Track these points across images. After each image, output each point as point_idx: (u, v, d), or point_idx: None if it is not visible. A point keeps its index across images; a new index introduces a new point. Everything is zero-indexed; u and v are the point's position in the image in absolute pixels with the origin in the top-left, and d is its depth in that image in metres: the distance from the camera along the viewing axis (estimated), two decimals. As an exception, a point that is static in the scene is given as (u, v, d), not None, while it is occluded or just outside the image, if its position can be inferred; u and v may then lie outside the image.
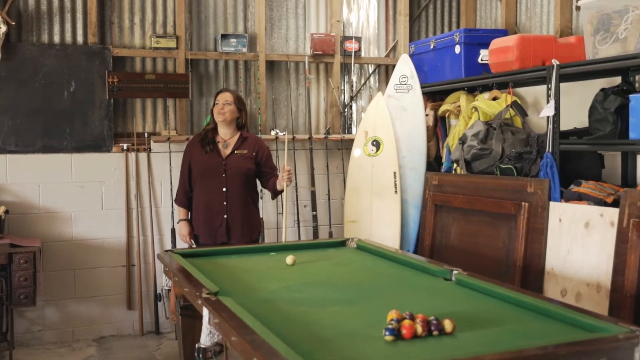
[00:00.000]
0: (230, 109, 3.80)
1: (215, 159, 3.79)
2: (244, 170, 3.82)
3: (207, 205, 3.79)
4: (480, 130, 4.22)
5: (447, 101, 4.86)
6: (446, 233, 4.31)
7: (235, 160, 3.81)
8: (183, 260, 3.02)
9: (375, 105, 4.73)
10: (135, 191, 4.50)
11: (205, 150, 3.79)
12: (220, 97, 3.84)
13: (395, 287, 2.67)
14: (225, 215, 3.78)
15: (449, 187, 4.32)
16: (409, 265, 3.00)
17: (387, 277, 2.84)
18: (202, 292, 2.38)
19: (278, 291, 2.57)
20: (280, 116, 5.08)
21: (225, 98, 3.82)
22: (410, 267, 2.97)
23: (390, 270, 2.96)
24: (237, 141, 3.86)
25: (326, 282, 2.72)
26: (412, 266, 2.97)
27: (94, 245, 4.43)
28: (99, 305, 4.47)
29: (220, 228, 3.78)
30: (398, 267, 3.00)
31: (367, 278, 2.82)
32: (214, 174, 3.77)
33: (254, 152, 3.87)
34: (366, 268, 3.03)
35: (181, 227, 3.89)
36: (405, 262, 3.04)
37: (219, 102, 3.82)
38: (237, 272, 2.93)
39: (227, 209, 3.77)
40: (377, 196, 4.64)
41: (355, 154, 4.70)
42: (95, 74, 4.39)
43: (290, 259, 3.06)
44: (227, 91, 3.89)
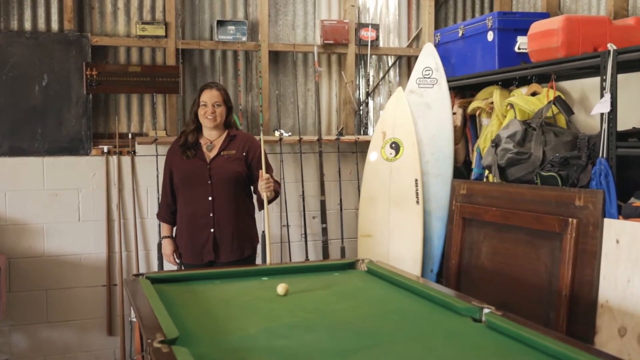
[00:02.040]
0: (220, 111, 3.38)
1: (197, 163, 3.35)
2: (232, 174, 3.35)
3: (191, 218, 3.35)
4: (517, 130, 3.71)
5: (477, 97, 4.38)
6: (476, 251, 3.81)
7: (222, 163, 3.36)
8: (150, 289, 2.56)
9: (395, 102, 4.31)
10: (117, 200, 4.06)
11: (187, 156, 3.35)
12: (207, 97, 3.37)
13: (407, 330, 2.18)
14: (212, 229, 3.33)
15: (479, 198, 3.82)
16: (428, 299, 2.51)
17: (398, 314, 2.34)
18: (155, 338, 1.89)
19: (256, 336, 2.08)
20: (285, 115, 4.59)
21: (214, 99, 3.37)
22: (429, 301, 2.47)
23: (404, 305, 2.47)
24: (224, 141, 3.42)
25: (320, 323, 2.23)
26: (432, 300, 2.48)
27: (69, 262, 4.05)
28: (75, 331, 4.08)
29: (206, 244, 3.34)
30: (414, 301, 2.52)
31: (373, 317, 2.33)
32: (198, 181, 3.32)
33: (244, 151, 3.41)
34: (374, 301, 2.53)
35: (164, 245, 3.49)
36: (423, 295, 2.54)
37: (207, 103, 3.36)
38: (213, 305, 2.48)
39: (214, 222, 3.32)
40: (396, 207, 4.20)
41: (372, 158, 4.28)
42: (72, 66, 4.01)
43: (282, 289, 2.59)
44: (215, 88, 3.40)
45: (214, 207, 3.31)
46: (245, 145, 3.41)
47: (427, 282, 2.71)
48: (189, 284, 2.81)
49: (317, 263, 3.27)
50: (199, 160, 3.35)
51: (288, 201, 4.37)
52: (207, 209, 3.31)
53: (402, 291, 2.65)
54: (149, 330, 2.02)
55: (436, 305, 2.42)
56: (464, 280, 3.90)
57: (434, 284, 2.68)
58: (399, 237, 4.22)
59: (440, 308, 2.39)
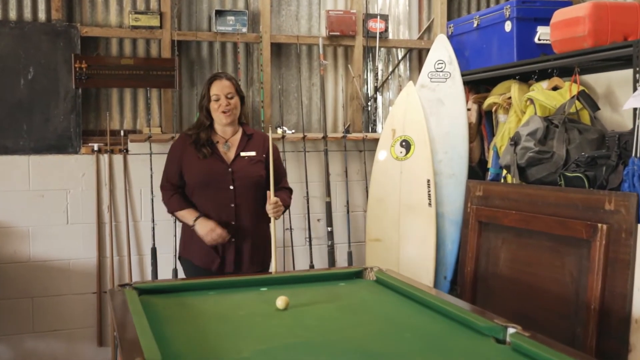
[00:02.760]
0: (235, 102, 3.06)
1: (217, 165, 3.02)
2: (256, 178, 3.05)
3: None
4: (537, 127, 3.47)
5: (493, 92, 4.16)
6: (494, 258, 3.57)
7: (244, 166, 3.04)
8: (136, 303, 2.32)
9: (406, 98, 4.10)
10: (108, 202, 3.83)
11: (203, 154, 3.01)
12: (219, 89, 3.03)
13: (422, 352, 1.94)
14: (233, 239, 3.03)
15: (497, 200, 3.58)
16: (444, 314, 2.25)
17: (412, 333, 2.10)
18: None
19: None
20: (289, 111, 4.36)
21: (225, 89, 3.03)
22: (446, 317, 2.23)
23: (417, 322, 2.23)
24: (241, 140, 3.11)
25: (323, 344, 1.99)
26: (449, 316, 2.23)
27: (57, 268, 3.83)
28: (63, 342, 3.86)
29: (226, 255, 3.04)
30: (429, 317, 2.27)
31: (383, 336, 2.09)
32: (219, 185, 3.00)
33: (264, 153, 3.10)
34: (384, 317, 2.29)
35: (205, 225, 2.97)
36: (439, 310, 2.29)
37: (219, 95, 3.02)
38: (205, 321, 2.24)
39: (235, 231, 3.02)
40: (407, 209, 3.99)
41: (381, 157, 4.05)
42: (60, 58, 3.79)
43: (282, 302, 2.36)
44: (225, 78, 3.07)
45: (237, 214, 3.01)
46: (265, 147, 3.09)
47: (443, 295, 2.46)
48: (180, 296, 2.58)
49: (322, 272, 3.02)
50: (217, 161, 3.03)
51: (292, 203, 4.11)
52: (229, 217, 3.00)
53: (416, 305, 2.41)
54: (127, 353, 1.78)
55: (454, 322, 2.18)
56: (480, 289, 3.65)
57: (451, 298, 2.42)
58: (410, 242, 3.98)
59: (459, 326, 2.14)
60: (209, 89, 3.04)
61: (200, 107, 3.10)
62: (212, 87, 3.03)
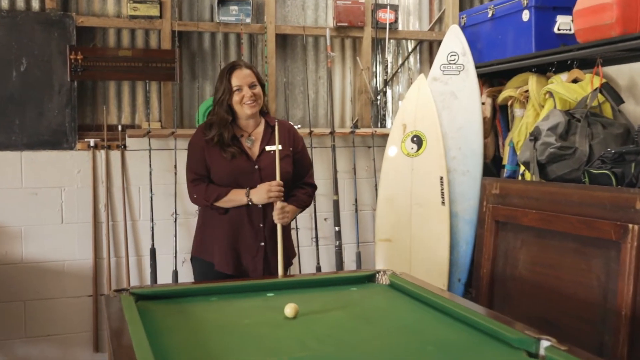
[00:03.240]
0: (258, 92, 2.80)
1: (243, 163, 2.80)
2: (285, 175, 2.81)
3: (236, 227, 2.82)
4: (559, 122, 3.30)
5: (508, 86, 4.00)
6: (512, 260, 3.39)
7: (271, 162, 2.77)
8: (132, 310, 2.14)
9: (417, 91, 3.93)
10: (105, 200, 3.66)
11: (231, 154, 2.76)
12: (240, 79, 2.76)
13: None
14: (262, 242, 2.82)
15: (515, 199, 3.39)
16: (467, 324, 2.06)
17: (435, 346, 1.93)
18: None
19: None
20: (294, 105, 4.17)
21: (248, 79, 2.77)
22: (470, 327, 2.04)
23: (438, 332, 2.05)
24: (264, 133, 2.86)
25: (337, 358, 1.78)
26: (474, 326, 2.04)
27: (50, 270, 3.66)
28: (57, 347, 3.69)
29: (255, 261, 2.82)
30: (451, 327, 2.10)
31: (403, 349, 1.91)
32: (246, 184, 2.78)
33: (290, 146, 2.88)
34: (403, 328, 2.11)
35: (258, 191, 2.74)
36: (462, 319, 2.10)
37: (241, 86, 2.76)
38: (206, 331, 2.07)
39: (264, 233, 2.81)
40: (419, 208, 3.83)
41: (391, 153, 3.89)
42: (54, 49, 3.62)
43: (291, 310, 2.18)
44: (244, 66, 2.80)
45: (265, 215, 2.79)
46: (290, 138, 2.88)
47: (466, 303, 2.27)
48: (180, 302, 2.40)
49: (332, 276, 2.85)
50: (243, 158, 2.80)
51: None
52: (258, 218, 2.79)
53: (435, 313, 2.23)
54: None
55: (480, 333, 2.00)
56: (497, 292, 3.47)
57: (474, 305, 2.24)
58: (422, 242, 3.81)
59: (486, 337, 1.96)
60: (229, 81, 2.75)
61: (220, 102, 2.77)
62: (233, 78, 2.75)
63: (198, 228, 2.94)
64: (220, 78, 2.80)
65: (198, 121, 3.83)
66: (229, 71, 2.78)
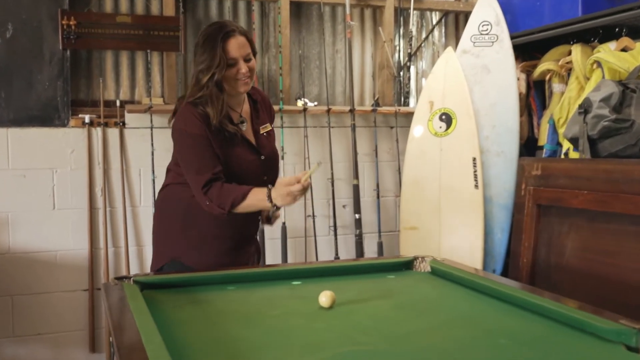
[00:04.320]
0: (253, 65, 2.34)
1: (250, 156, 2.39)
2: (278, 158, 2.54)
3: (238, 223, 2.40)
4: (612, 92, 3.00)
5: (545, 59, 3.69)
6: (557, 247, 3.08)
7: (269, 145, 2.46)
8: (138, 300, 1.83)
9: (444, 65, 3.66)
10: (102, 183, 3.34)
11: (236, 143, 2.34)
12: (236, 50, 2.25)
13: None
14: (257, 236, 2.55)
15: (561, 179, 3.08)
16: (538, 312, 1.77)
17: (507, 338, 1.62)
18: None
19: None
20: (309, 81, 3.87)
21: (243, 50, 2.28)
22: (541, 317, 1.75)
23: (504, 324, 1.76)
24: (251, 110, 2.46)
25: (396, 354, 1.50)
26: (547, 314, 1.74)
27: (41, 261, 3.35)
28: (49, 347, 3.38)
29: (248, 254, 2.51)
30: (517, 317, 1.78)
31: (470, 342, 1.61)
32: (250, 175, 2.37)
33: (272, 120, 2.54)
34: (458, 317, 1.83)
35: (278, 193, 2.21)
36: (530, 307, 1.79)
37: (236, 58, 2.26)
38: (229, 323, 1.77)
39: (258, 226, 2.52)
40: (449, 192, 3.56)
41: (416, 133, 3.61)
42: (44, 14, 3.33)
43: (327, 299, 1.88)
44: (238, 32, 2.28)
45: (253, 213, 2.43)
46: (271, 111, 2.54)
47: (535, 290, 1.97)
48: (193, 291, 2.08)
49: (364, 262, 2.52)
50: (246, 148, 2.38)
51: (314, 186, 3.62)
52: (258, 213, 2.45)
53: (494, 302, 1.91)
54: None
55: (557, 323, 1.68)
56: (540, 284, 3.15)
57: (544, 292, 1.92)
58: (453, 230, 3.52)
59: (567, 329, 1.65)
60: (223, 49, 2.23)
61: (211, 75, 2.24)
62: (229, 47, 2.24)
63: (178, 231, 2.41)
64: (210, 44, 2.25)
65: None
66: (222, 38, 2.25)
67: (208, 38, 2.26)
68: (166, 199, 2.46)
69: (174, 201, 2.42)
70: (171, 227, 2.42)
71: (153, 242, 2.51)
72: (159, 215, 2.50)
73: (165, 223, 2.46)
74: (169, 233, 2.43)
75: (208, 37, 2.27)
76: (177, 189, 2.40)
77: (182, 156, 2.34)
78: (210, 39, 2.26)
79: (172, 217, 2.43)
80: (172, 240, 2.42)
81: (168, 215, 2.45)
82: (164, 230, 2.46)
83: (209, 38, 2.26)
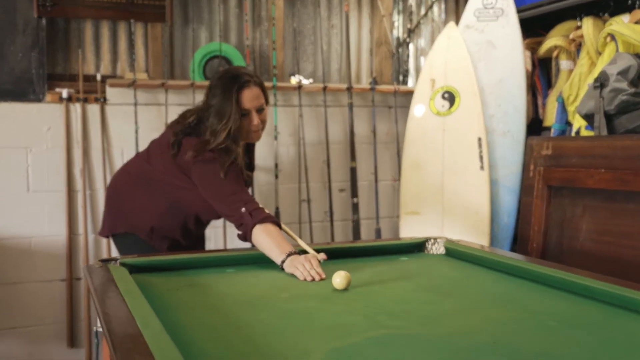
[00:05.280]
0: (265, 118, 2.26)
1: None
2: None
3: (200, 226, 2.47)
4: (630, 65, 2.85)
5: (551, 35, 3.52)
6: (570, 231, 2.92)
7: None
8: (129, 283, 1.62)
9: (446, 41, 3.48)
10: (81, 164, 3.09)
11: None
12: (249, 100, 2.17)
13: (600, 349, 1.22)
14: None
15: (574, 159, 2.92)
16: (577, 293, 1.60)
17: (555, 320, 1.41)
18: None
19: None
20: (304, 57, 3.66)
21: (256, 101, 2.19)
22: (582, 297, 1.61)
23: (545, 305, 1.60)
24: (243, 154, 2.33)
25: (433, 338, 1.32)
26: (587, 294, 1.57)
27: (14, 248, 3.07)
28: (24, 342, 3.11)
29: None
30: (557, 297, 1.65)
31: (516, 325, 1.44)
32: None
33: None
34: (492, 299, 1.68)
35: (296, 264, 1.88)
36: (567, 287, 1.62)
37: (249, 107, 2.17)
38: (236, 307, 1.57)
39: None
40: (453, 175, 3.38)
41: (417, 112, 3.42)
42: None
43: (342, 280, 1.69)
44: (253, 83, 2.18)
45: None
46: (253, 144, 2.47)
47: (572, 269, 1.80)
48: (188, 274, 1.90)
49: (374, 243, 2.35)
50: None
51: (309, 169, 3.41)
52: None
53: (527, 283, 1.75)
54: (124, 354, 1.09)
55: (602, 304, 1.51)
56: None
57: (579, 271, 1.76)
58: (457, 215, 3.34)
59: (616, 310, 1.47)
60: (238, 102, 2.14)
61: (227, 130, 2.13)
62: (243, 98, 2.15)
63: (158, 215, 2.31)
64: (224, 93, 2.15)
65: (193, 71, 3.28)
66: (238, 87, 2.15)
67: (223, 87, 2.16)
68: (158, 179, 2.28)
69: (168, 186, 2.29)
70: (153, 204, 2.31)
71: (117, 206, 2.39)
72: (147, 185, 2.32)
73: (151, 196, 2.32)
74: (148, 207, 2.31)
75: (223, 86, 2.17)
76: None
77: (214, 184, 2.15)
78: (225, 89, 2.16)
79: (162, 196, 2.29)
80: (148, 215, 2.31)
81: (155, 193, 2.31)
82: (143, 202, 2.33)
83: (224, 87, 2.16)
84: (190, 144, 2.18)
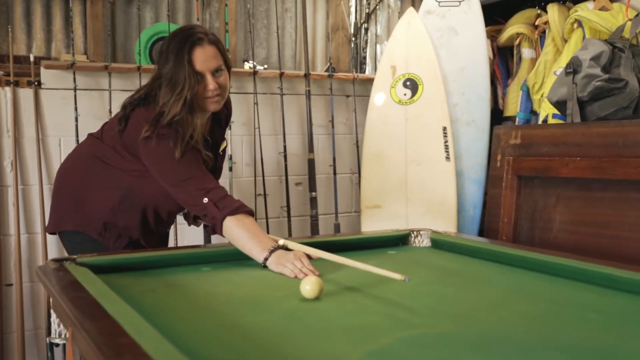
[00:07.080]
0: (225, 80, 1.95)
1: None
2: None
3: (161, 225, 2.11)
4: (602, 51, 2.84)
5: (511, 23, 3.48)
6: (542, 222, 2.88)
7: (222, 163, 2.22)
8: (96, 283, 1.41)
9: (407, 27, 3.39)
10: (12, 156, 2.78)
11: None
12: (202, 61, 1.89)
13: None
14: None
15: (546, 147, 2.88)
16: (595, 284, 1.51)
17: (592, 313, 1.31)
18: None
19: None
20: (258, 42, 3.47)
21: (212, 62, 1.90)
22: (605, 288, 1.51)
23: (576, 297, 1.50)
24: (213, 126, 2.11)
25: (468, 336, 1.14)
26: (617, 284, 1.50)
27: None
28: (-55, 358, 2.71)
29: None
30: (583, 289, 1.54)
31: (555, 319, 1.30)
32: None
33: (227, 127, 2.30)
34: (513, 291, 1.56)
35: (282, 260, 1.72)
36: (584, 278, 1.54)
37: (202, 70, 1.88)
38: (224, 310, 1.40)
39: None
40: (417, 165, 3.30)
41: (377, 101, 3.33)
42: None
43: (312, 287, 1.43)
44: (207, 41, 1.90)
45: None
46: (228, 122, 2.24)
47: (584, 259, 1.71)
48: (161, 273, 1.70)
49: (356, 237, 2.17)
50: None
51: (265, 161, 3.23)
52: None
53: (540, 274, 1.64)
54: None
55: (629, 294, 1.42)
56: (523, 263, 2.95)
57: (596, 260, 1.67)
58: (422, 207, 3.22)
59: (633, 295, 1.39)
60: (191, 64, 1.86)
61: (178, 95, 1.85)
62: (195, 58, 1.87)
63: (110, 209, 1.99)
64: (176, 57, 1.88)
65: (139, 55, 3.03)
66: (189, 46, 1.88)
67: (172, 47, 1.89)
68: (110, 164, 1.99)
69: (118, 171, 1.97)
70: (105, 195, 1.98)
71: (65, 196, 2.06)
72: (101, 171, 2.01)
73: (104, 185, 1.99)
74: (99, 199, 1.99)
75: (172, 46, 1.89)
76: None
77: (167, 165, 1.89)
78: (175, 48, 1.88)
79: (114, 185, 1.97)
80: (99, 209, 1.98)
81: (108, 180, 1.98)
82: (96, 191, 2.00)
83: (174, 47, 1.88)
84: (140, 116, 1.89)
